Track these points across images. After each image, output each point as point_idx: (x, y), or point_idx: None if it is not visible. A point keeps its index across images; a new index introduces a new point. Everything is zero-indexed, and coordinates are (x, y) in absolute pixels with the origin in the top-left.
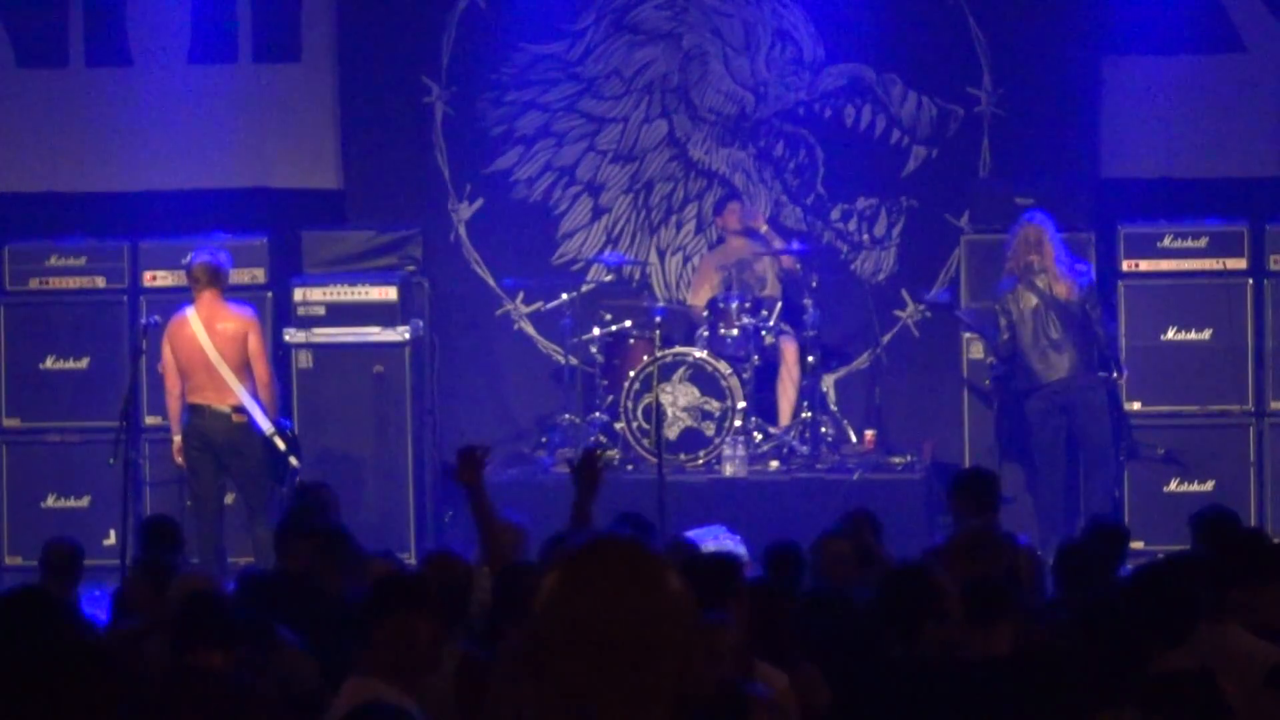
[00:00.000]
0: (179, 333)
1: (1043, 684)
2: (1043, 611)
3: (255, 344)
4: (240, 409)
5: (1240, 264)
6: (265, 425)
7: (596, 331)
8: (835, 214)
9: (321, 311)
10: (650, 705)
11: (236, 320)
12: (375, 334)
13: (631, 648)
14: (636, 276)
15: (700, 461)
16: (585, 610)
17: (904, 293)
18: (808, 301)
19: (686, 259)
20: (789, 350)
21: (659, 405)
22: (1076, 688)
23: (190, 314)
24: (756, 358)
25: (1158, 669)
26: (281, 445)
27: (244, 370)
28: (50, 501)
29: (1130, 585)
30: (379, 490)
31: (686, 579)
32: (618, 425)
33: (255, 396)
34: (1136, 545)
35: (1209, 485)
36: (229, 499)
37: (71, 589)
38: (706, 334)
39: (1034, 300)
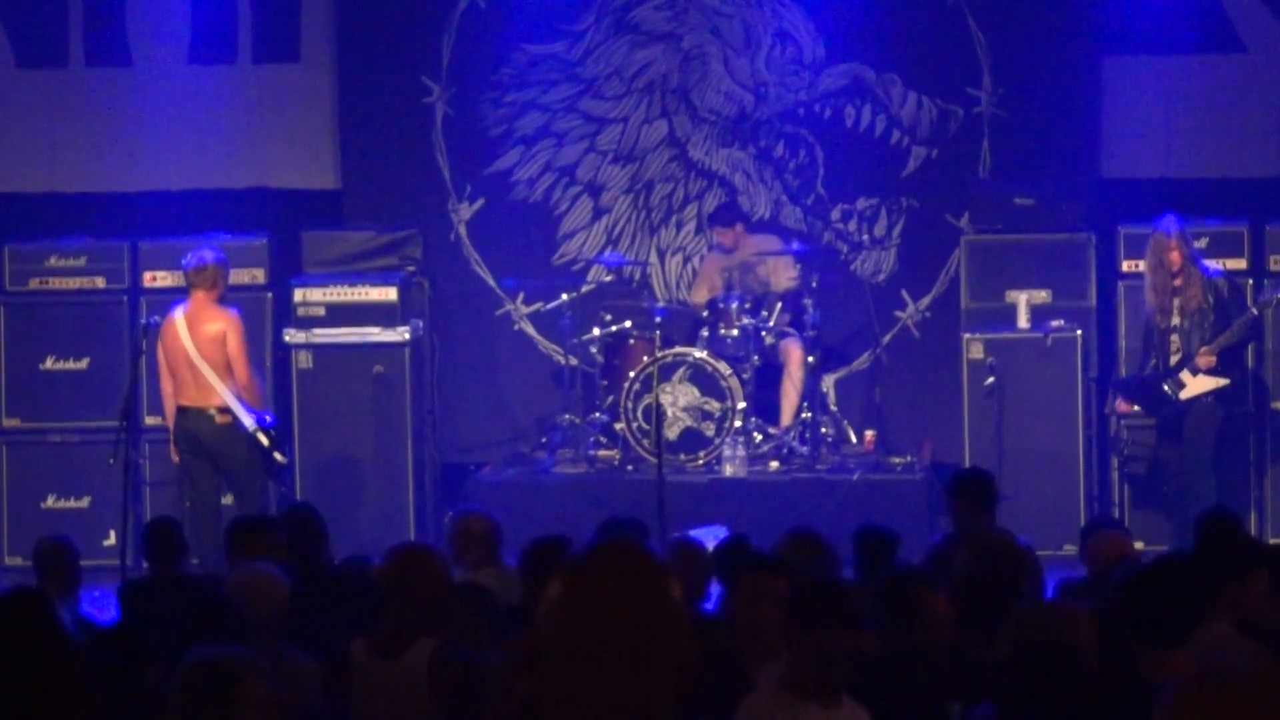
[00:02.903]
0: (166, 334)
1: (1041, 685)
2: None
3: (233, 345)
4: (224, 409)
5: (1240, 264)
6: (248, 423)
7: (596, 332)
8: (835, 214)
9: (321, 312)
10: (651, 712)
11: (218, 321)
12: (375, 334)
13: (634, 655)
14: (637, 277)
15: (700, 462)
16: (589, 617)
17: (903, 292)
18: (808, 301)
19: (686, 259)
20: (794, 352)
21: (659, 405)
22: (1075, 689)
23: (178, 315)
24: (756, 358)
25: (1156, 670)
26: (265, 441)
27: (227, 370)
28: (50, 501)
29: (1128, 585)
30: (379, 490)
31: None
32: (618, 425)
33: (240, 396)
34: (1136, 545)
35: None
36: (227, 499)
37: (68, 588)
38: (706, 334)
39: None
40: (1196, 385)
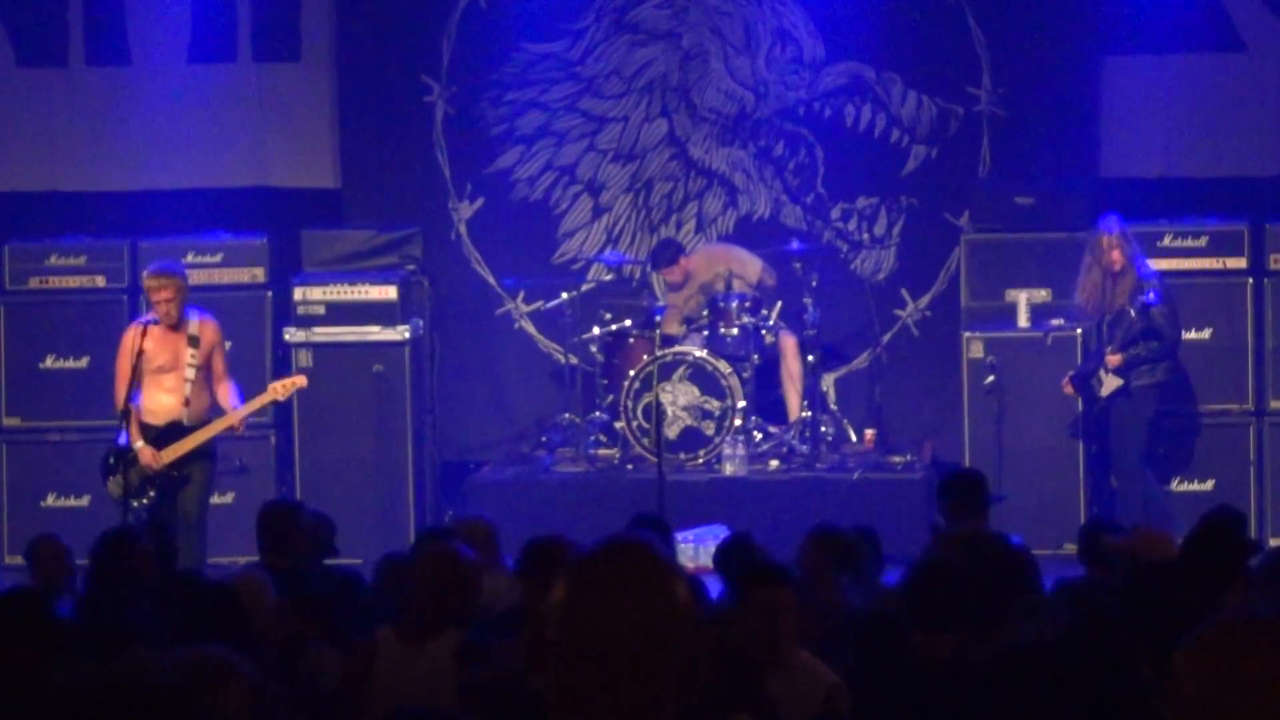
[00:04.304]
0: None
1: (1039, 684)
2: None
3: None
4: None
5: (1240, 263)
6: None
7: (596, 331)
8: (835, 213)
9: (321, 311)
10: (657, 712)
11: None
12: (375, 333)
13: (640, 655)
14: (636, 276)
15: (700, 461)
16: (595, 617)
17: (903, 291)
18: (808, 301)
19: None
20: (788, 344)
21: (659, 404)
22: (1073, 688)
23: None
24: (756, 356)
25: (1154, 671)
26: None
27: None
28: (50, 501)
29: (1127, 586)
30: (379, 490)
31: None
32: (618, 424)
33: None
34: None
35: (1209, 485)
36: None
37: (62, 585)
38: (706, 333)
39: None
40: (1110, 384)
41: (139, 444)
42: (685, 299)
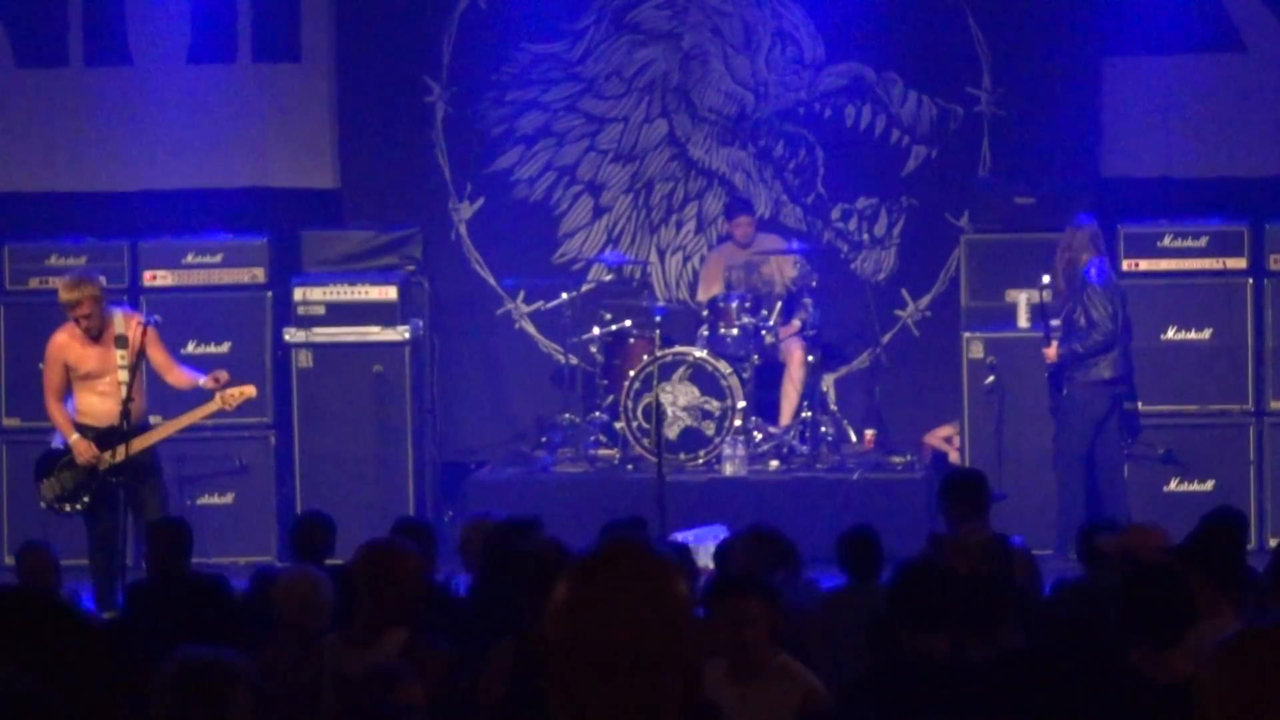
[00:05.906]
0: None
1: (1037, 686)
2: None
3: None
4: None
5: (1240, 264)
6: None
7: (597, 331)
8: (835, 213)
9: (321, 311)
10: (661, 711)
11: None
12: (375, 333)
13: (643, 656)
14: (637, 276)
15: (700, 461)
16: (597, 618)
17: (903, 291)
18: (808, 301)
19: (686, 258)
20: (796, 352)
21: (659, 405)
22: (1070, 689)
23: None
24: (756, 357)
25: (1154, 669)
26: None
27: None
28: None
29: (1125, 586)
30: (379, 490)
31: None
32: (618, 425)
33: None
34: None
35: (1209, 485)
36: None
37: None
38: (706, 333)
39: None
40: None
41: (74, 437)
42: (727, 265)
